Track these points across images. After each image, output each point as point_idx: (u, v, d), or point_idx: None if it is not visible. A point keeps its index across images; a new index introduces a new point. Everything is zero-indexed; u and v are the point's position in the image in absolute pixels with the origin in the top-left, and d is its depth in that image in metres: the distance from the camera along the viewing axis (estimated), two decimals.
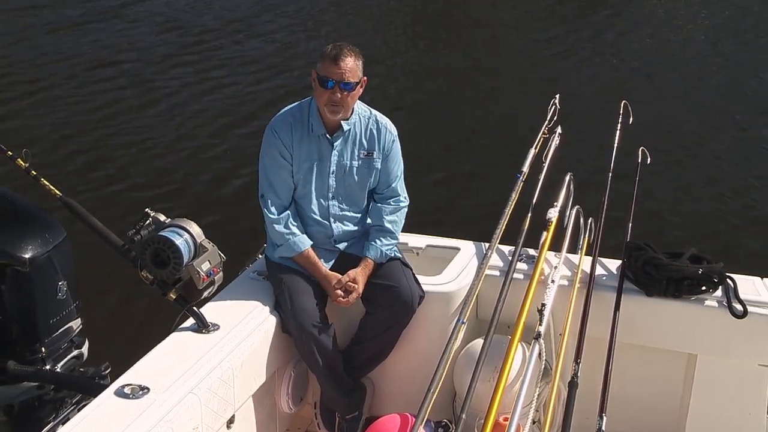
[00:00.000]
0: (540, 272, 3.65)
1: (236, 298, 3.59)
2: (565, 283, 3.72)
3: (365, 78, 3.60)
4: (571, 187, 4.06)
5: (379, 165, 3.72)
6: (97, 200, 7.61)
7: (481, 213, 7.01)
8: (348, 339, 3.79)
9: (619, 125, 4.65)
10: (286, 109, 3.73)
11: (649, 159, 4.56)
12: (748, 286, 3.67)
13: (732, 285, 3.60)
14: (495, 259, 3.87)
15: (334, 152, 3.65)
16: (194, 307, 3.35)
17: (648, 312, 3.68)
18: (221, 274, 3.46)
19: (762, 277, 3.79)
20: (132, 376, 3.00)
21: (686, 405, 3.78)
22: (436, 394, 2.96)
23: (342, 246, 3.75)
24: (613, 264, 3.88)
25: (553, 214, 3.86)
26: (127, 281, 6.07)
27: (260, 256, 3.92)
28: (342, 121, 3.62)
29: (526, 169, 4.08)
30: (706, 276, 3.61)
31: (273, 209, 3.62)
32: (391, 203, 3.79)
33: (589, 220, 4.05)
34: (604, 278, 3.79)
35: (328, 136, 3.64)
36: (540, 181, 4.05)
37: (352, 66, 3.50)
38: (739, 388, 3.67)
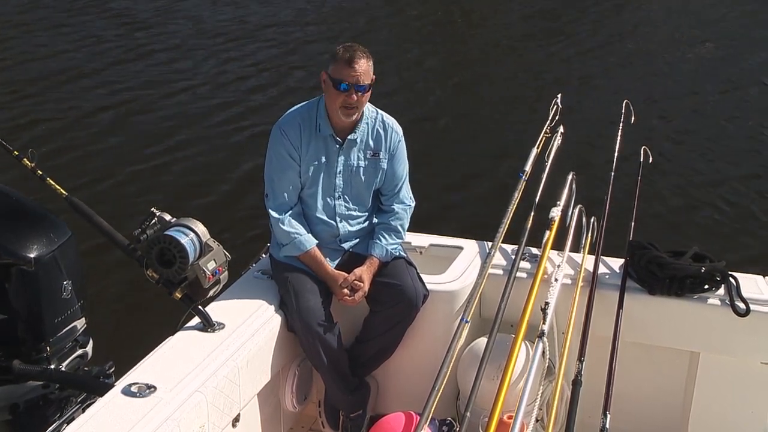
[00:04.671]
0: (543, 271, 3.66)
1: (241, 297, 3.60)
2: (569, 281, 3.73)
3: (374, 77, 3.61)
4: (574, 186, 4.07)
5: (385, 165, 3.73)
6: (102, 200, 7.64)
7: (483, 212, 7.02)
8: (352, 338, 3.81)
9: (621, 125, 4.66)
10: (293, 109, 3.73)
11: (650, 158, 4.57)
12: (750, 284, 3.68)
13: (734, 283, 3.61)
14: (498, 258, 3.88)
15: (341, 152, 3.66)
16: (200, 306, 3.36)
17: (651, 310, 3.69)
18: (226, 273, 3.46)
19: (764, 276, 3.79)
20: (138, 374, 3.01)
21: (689, 403, 3.79)
22: (440, 392, 2.96)
23: (347, 245, 3.76)
24: (616, 263, 3.89)
25: (555, 213, 3.86)
26: (132, 280, 6.10)
27: (264, 255, 3.93)
28: (355, 132, 3.63)
29: (528, 168, 4.08)
30: (709, 274, 3.62)
31: (278, 209, 3.63)
32: (397, 204, 3.80)
33: (592, 219, 4.05)
34: (607, 277, 3.80)
35: (337, 137, 3.65)
36: (542, 180, 4.05)
37: (365, 68, 3.51)
38: (741, 386, 3.69)
